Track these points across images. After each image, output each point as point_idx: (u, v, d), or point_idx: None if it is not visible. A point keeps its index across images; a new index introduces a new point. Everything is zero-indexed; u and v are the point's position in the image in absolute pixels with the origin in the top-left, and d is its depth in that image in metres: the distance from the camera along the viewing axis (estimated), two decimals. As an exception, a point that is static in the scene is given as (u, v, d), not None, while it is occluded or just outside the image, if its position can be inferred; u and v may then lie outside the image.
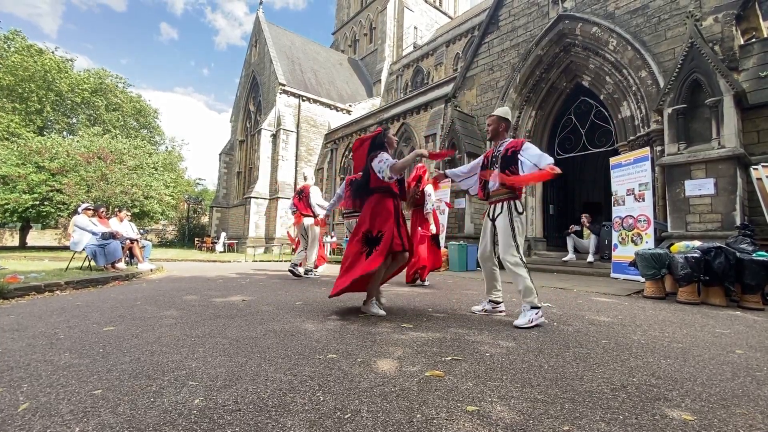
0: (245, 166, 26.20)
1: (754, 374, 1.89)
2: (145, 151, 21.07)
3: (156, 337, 2.37)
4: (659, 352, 2.24)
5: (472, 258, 8.89)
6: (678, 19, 7.42)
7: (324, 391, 1.55)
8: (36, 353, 2.03)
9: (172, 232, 32.68)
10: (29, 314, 3.13)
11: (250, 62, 26.62)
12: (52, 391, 1.53)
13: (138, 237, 7.93)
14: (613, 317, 3.35)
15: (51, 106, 24.01)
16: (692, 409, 1.46)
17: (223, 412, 1.36)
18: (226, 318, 2.98)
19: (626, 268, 6.21)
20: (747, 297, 4.12)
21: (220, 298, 4.06)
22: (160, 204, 19.43)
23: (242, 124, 26.95)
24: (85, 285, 5.01)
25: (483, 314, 3.37)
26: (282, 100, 22.06)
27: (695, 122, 6.28)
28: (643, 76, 7.90)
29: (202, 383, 1.62)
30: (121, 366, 1.83)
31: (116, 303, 3.69)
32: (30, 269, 6.15)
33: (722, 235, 5.40)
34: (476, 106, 11.48)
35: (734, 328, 3.05)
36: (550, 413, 1.39)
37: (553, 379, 1.74)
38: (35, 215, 17.04)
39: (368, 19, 31.01)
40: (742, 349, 2.39)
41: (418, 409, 1.40)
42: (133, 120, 29.85)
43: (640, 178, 6.63)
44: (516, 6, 10.76)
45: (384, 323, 2.88)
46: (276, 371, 1.78)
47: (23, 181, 15.66)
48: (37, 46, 23.27)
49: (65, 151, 16.86)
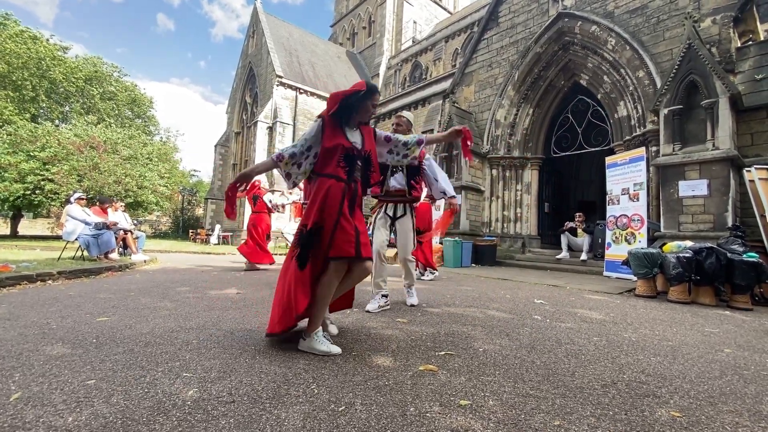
0: (241, 158, 26.03)
1: (742, 373, 1.92)
2: (140, 141, 20.83)
3: (150, 329, 2.36)
4: (649, 350, 2.28)
5: (467, 254, 8.94)
6: (677, 19, 7.45)
7: (318, 384, 1.56)
8: (28, 343, 2.02)
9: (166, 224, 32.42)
10: (21, 304, 3.10)
11: (247, 53, 26.35)
12: (44, 380, 1.52)
13: (132, 228, 7.87)
14: (605, 315, 3.39)
15: (45, 94, 23.62)
16: (680, 406, 1.49)
17: (217, 403, 1.36)
18: (220, 310, 2.98)
19: (619, 266, 6.28)
20: (736, 297, 4.19)
21: (215, 290, 4.05)
22: (155, 195, 19.26)
23: (238, 116, 26.73)
24: (77, 275, 4.97)
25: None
26: (279, 92, 21.88)
27: (691, 123, 6.33)
28: (640, 76, 7.93)
29: (196, 375, 1.62)
30: (115, 357, 1.82)
31: (109, 294, 3.67)
32: (21, 258, 6.08)
33: (714, 235, 5.47)
34: (474, 103, 11.47)
35: (723, 327, 3.10)
36: (541, 408, 1.41)
37: (545, 375, 1.76)
38: (26, 204, 16.83)
39: (367, 12, 30.75)
40: (731, 348, 2.43)
41: (411, 402, 1.42)
42: (128, 109, 29.47)
43: (635, 177, 6.68)
44: (516, 3, 10.72)
45: (378, 318, 2.89)
46: (270, 363, 1.79)
47: (14, 169, 15.44)
48: (30, 32, 22.81)
49: (56, 140, 16.61)
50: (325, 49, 28.68)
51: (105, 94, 26.83)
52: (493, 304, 3.73)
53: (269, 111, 21.82)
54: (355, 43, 32.03)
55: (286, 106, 22.04)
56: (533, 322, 2.95)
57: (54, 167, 15.83)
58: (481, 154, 10.78)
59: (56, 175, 15.58)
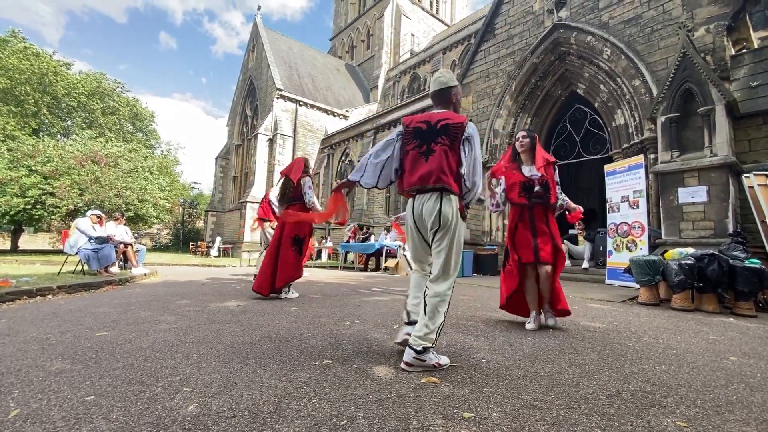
0: (241, 171, 26.16)
1: (748, 381, 1.90)
2: (140, 154, 20.97)
3: (150, 343, 2.34)
4: (654, 359, 2.25)
5: (468, 264, 8.91)
6: (671, 29, 7.55)
7: (320, 398, 1.54)
8: (27, 359, 2.00)
9: (166, 236, 32.41)
10: (21, 319, 3.09)
11: (248, 67, 26.69)
12: (43, 397, 1.51)
13: (132, 241, 7.87)
14: (608, 324, 3.36)
15: (47, 108, 23.86)
16: (687, 415, 1.47)
17: (217, 418, 1.34)
18: (220, 323, 2.96)
19: (621, 274, 6.25)
20: (740, 304, 4.16)
21: (215, 303, 4.03)
22: (155, 207, 19.30)
23: (239, 129, 26.96)
24: (77, 289, 4.95)
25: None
26: (279, 105, 22.11)
27: (688, 131, 6.37)
28: (636, 84, 8.01)
29: (197, 389, 1.60)
30: (114, 372, 1.81)
31: (109, 308, 3.65)
32: (21, 273, 6.07)
33: (715, 242, 5.46)
34: (472, 113, 11.56)
35: (728, 334, 3.07)
36: (546, 420, 1.39)
37: (548, 386, 1.74)
38: (27, 219, 16.85)
39: (366, 26, 31.24)
40: (736, 355, 2.40)
41: (414, 415, 1.40)
42: (129, 124, 29.72)
43: (634, 185, 6.70)
44: (512, 15, 10.89)
45: (379, 329, 2.87)
46: (271, 377, 1.77)
47: (15, 184, 15.50)
48: (34, 48, 23.15)
49: (58, 154, 16.72)
50: (324, 62, 29.06)
51: (107, 109, 27.10)
52: (494, 314, 3.71)
53: (269, 123, 22.01)
54: (354, 55, 32.48)
55: (286, 119, 22.24)
56: (535, 332, 2.93)
57: (56, 181, 15.89)
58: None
59: (58, 189, 15.63)
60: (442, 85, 2.23)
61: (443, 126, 2.10)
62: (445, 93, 2.24)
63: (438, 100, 2.27)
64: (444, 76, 2.25)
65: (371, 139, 18.84)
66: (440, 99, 2.25)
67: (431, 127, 2.13)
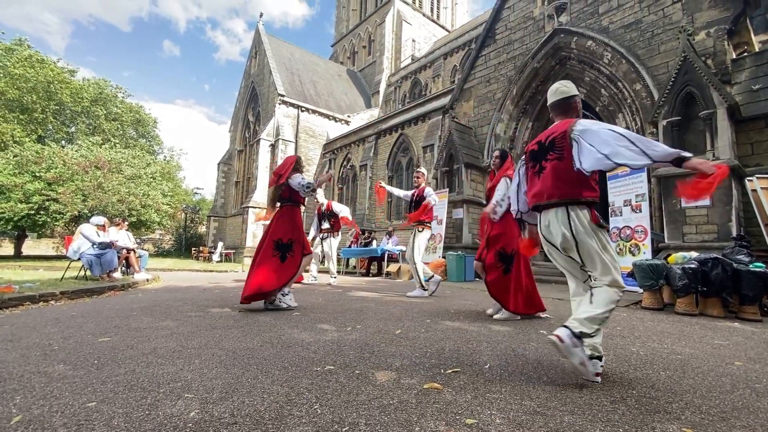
0: (243, 176, 26.26)
1: (754, 386, 1.88)
2: (143, 160, 21.09)
3: (151, 348, 2.34)
4: (658, 364, 2.24)
5: (470, 268, 8.88)
6: (671, 33, 7.57)
7: (321, 404, 1.54)
8: (30, 364, 2.00)
9: (169, 242, 32.50)
10: (23, 324, 3.09)
11: (250, 73, 26.88)
12: (45, 403, 1.51)
13: (134, 246, 7.89)
14: (612, 328, 3.34)
15: (52, 115, 24.07)
16: (692, 422, 1.45)
17: (219, 425, 1.34)
18: (222, 329, 2.96)
19: (624, 278, 6.21)
20: (744, 308, 4.13)
21: (217, 308, 4.03)
22: (158, 213, 19.38)
23: (241, 134, 27.10)
24: (80, 295, 4.96)
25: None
26: (281, 111, 22.23)
27: (690, 134, 6.37)
28: (637, 88, 8.03)
29: (198, 395, 1.60)
30: (116, 378, 1.80)
31: (112, 313, 3.66)
32: (24, 279, 6.09)
33: (719, 246, 5.43)
34: (474, 118, 11.59)
35: (733, 339, 3.04)
36: (550, 426, 1.38)
37: (552, 392, 1.73)
38: (31, 224, 16.94)
39: (367, 32, 31.47)
40: (741, 360, 2.38)
41: (416, 422, 1.39)
42: (132, 129, 29.92)
43: (636, 189, 6.68)
44: (512, 20, 10.96)
45: (381, 334, 2.86)
46: (273, 383, 1.76)
47: (19, 190, 15.60)
48: (39, 56, 23.40)
49: (61, 160, 16.84)
50: (326, 68, 29.25)
51: (110, 115, 27.30)
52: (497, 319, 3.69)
53: (271, 129, 22.12)
54: (355, 61, 32.69)
55: (288, 124, 22.35)
56: (539, 336, 2.91)
57: (60, 187, 15.99)
58: (481, 168, 10.84)
59: (61, 195, 15.72)
60: (564, 95, 2.21)
61: (551, 141, 2.09)
62: (567, 102, 2.22)
63: (559, 110, 2.23)
64: (565, 86, 2.25)
65: (373, 144, 18.88)
66: (561, 109, 2.22)
67: (542, 145, 2.15)
